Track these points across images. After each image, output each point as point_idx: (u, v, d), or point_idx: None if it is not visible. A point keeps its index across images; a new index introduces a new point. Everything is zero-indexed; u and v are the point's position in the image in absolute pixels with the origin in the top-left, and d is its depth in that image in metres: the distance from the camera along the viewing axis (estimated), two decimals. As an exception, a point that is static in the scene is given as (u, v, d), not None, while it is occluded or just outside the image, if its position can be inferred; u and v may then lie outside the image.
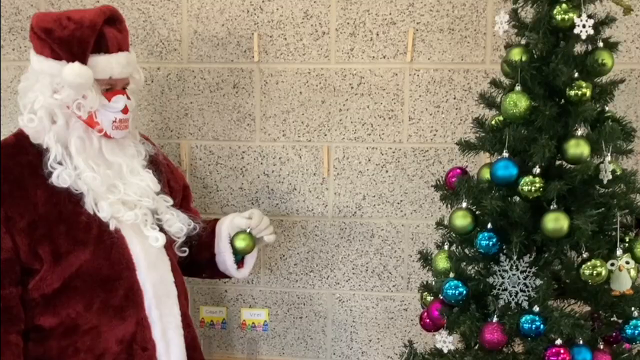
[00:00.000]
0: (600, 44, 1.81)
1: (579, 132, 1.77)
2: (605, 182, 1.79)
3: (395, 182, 2.59)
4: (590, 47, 1.83)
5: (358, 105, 2.56)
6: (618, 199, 1.82)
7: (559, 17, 1.76)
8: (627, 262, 1.78)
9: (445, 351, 1.94)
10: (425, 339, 2.60)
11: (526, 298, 1.81)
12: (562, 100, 1.82)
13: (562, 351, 1.74)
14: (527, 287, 1.81)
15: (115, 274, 2.04)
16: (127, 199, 2.08)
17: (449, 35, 2.49)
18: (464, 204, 1.89)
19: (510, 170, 1.79)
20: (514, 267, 1.82)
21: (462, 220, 1.88)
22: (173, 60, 2.62)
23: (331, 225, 2.65)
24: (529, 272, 1.81)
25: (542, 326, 1.77)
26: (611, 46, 1.84)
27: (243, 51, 2.58)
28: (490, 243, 1.83)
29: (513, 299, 1.83)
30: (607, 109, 1.89)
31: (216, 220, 2.37)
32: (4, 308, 1.96)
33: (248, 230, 2.27)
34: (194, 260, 2.32)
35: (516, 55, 1.81)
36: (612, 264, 1.78)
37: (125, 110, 2.07)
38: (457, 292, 1.87)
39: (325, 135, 2.59)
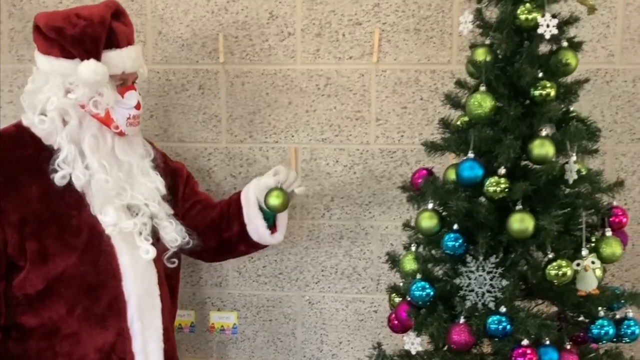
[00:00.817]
0: (565, 44, 1.81)
1: (544, 132, 1.77)
2: (570, 182, 1.79)
3: (363, 184, 2.58)
4: (554, 47, 1.83)
5: (325, 106, 2.55)
6: (583, 199, 1.82)
7: (522, 17, 1.76)
8: (593, 262, 1.78)
9: (414, 353, 1.94)
10: (396, 340, 2.59)
11: (493, 299, 1.80)
12: (527, 101, 1.81)
13: (528, 351, 1.74)
14: (493, 287, 1.81)
15: (101, 282, 2.03)
16: (132, 203, 2.07)
17: (415, 36, 2.48)
18: (430, 205, 1.88)
19: (475, 171, 1.78)
20: (481, 268, 1.82)
21: (428, 221, 1.87)
22: (137, 61, 2.59)
23: (300, 227, 2.63)
24: (495, 272, 1.81)
25: (508, 327, 1.76)
26: (575, 46, 1.84)
27: (208, 52, 2.55)
28: (457, 244, 1.82)
29: (480, 300, 1.82)
30: (572, 108, 1.89)
31: (237, 193, 2.34)
32: None
33: (279, 186, 2.22)
34: (225, 239, 2.29)
35: (480, 55, 1.80)
36: (578, 264, 1.77)
37: (138, 106, 2.07)
38: (424, 293, 1.86)
39: (293, 136, 2.57)
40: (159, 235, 2.13)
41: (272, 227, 2.31)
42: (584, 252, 1.78)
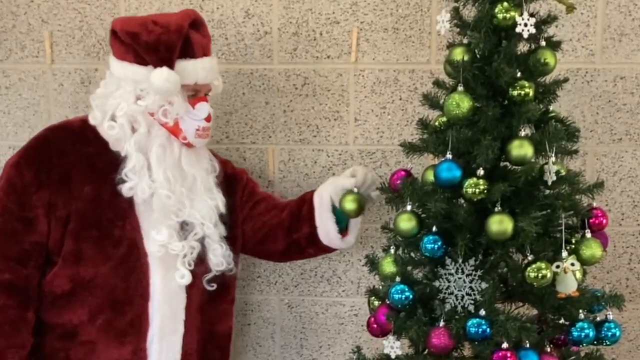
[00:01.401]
0: (543, 43, 1.81)
1: (523, 133, 1.77)
2: (549, 183, 1.79)
3: (342, 185, 2.57)
4: (532, 46, 1.84)
5: (303, 106, 2.54)
6: (563, 200, 1.82)
7: (500, 16, 1.76)
8: (573, 264, 1.78)
9: (393, 357, 1.93)
10: (377, 344, 2.59)
11: (472, 302, 1.80)
12: (506, 101, 1.82)
13: (508, 355, 1.74)
14: (473, 290, 1.81)
15: (128, 298, 2.04)
16: (188, 220, 2.07)
17: (394, 35, 2.48)
18: (409, 207, 1.88)
19: (453, 172, 1.78)
20: (460, 271, 1.82)
21: (406, 223, 1.86)
22: (111, 61, 2.57)
23: (278, 230, 2.62)
24: (475, 275, 1.81)
25: (488, 330, 1.76)
26: (554, 45, 1.85)
27: (183, 52, 2.54)
28: (436, 246, 1.82)
29: (459, 303, 1.82)
30: (551, 108, 1.90)
31: (310, 192, 2.29)
32: (24, 287, 2.00)
33: (356, 190, 2.14)
34: (294, 241, 2.26)
35: (458, 55, 1.80)
36: (558, 266, 1.77)
37: (208, 119, 2.08)
38: (403, 296, 1.86)
39: (270, 137, 2.56)
40: (205, 257, 2.12)
41: (344, 230, 2.26)
42: (564, 254, 1.78)
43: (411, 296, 1.86)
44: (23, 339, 2.01)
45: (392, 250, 1.98)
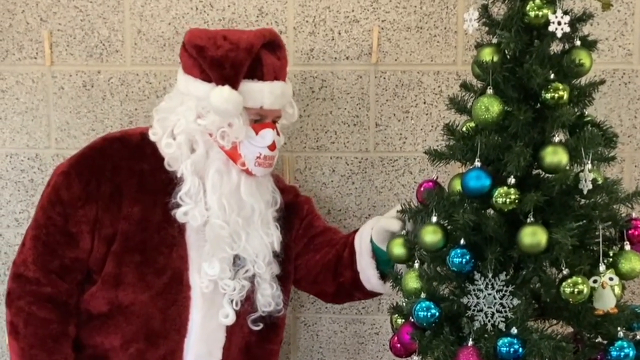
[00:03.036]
0: (578, 43, 1.82)
1: (557, 139, 1.78)
2: (585, 192, 1.79)
3: (362, 195, 2.60)
4: (566, 46, 1.84)
5: (320, 110, 2.57)
6: (600, 210, 1.82)
7: (532, 14, 1.77)
8: (611, 279, 1.78)
9: (418, 378, 1.95)
10: (399, 365, 2.61)
11: (503, 319, 1.81)
12: (538, 104, 1.82)
13: (542, 376, 1.75)
14: (503, 307, 1.82)
15: (164, 332, 2.07)
16: (241, 255, 2.07)
17: (417, 34, 2.50)
18: (434, 219, 1.89)
19: (482, 180, 1.79)
20: (490, 286, 1.83)
21: (432, 236, 1.86)
22: (115, 62, 2.61)
23: (293, 243, 2.64)
24: (506, 291, 1.81)
25: (520, 349, 1.76)
26: (589, 45, 1.85)
27: (192, 53, 2.57)
28: (464, 260, 1.82)
29: (489, 321, 1.83)
30: (586, 112, 1.90)
31: (354, 233, 2.23)
32: (64, 301, 2.03)
33: (404, 232, 2.02)
34: (340, 284, 2.23)
35: (487, 55, 1.81)
36: (595, 281, 1.78)
37: (272, 147, 2.06)
38: (429, 313, 1.86)
39: (285, 144, 2.56)
40: (252, 295, 2.13)
41: (387, 273, 2.13)
42: (602, 267, 1.78)
43: (437, 313, 1.86)
44: (65, 354, 2.04)
45: (417, 265, 1.98)
